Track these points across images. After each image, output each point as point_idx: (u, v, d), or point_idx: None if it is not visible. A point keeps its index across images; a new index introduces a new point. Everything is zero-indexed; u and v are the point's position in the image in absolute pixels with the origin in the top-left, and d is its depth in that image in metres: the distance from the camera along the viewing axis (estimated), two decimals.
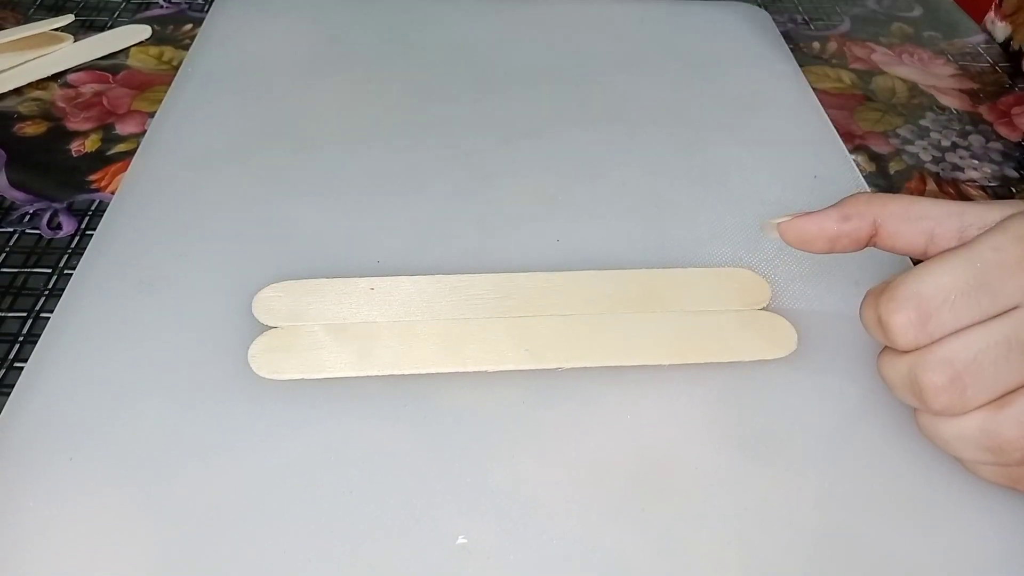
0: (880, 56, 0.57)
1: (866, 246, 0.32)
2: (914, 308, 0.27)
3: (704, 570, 0.28)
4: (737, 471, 0.31)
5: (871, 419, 0.33)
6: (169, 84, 0.49)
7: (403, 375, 0.33)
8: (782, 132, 0.47)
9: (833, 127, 0.48)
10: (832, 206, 0.32)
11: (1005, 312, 0.27)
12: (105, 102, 0.50)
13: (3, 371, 0.35)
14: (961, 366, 0.27)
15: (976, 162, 0.48)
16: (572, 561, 0.29)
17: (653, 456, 0.31)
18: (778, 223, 0.33)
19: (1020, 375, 0.27)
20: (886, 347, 0.29)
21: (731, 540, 0.29)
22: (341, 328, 0.34)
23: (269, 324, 0.34)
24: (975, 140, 0.50)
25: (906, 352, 0.28)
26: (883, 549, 0.29)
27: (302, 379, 0.33)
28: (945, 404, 0.27)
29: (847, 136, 0.49)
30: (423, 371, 0.33)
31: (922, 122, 0.51)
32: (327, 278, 0.36)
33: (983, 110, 0.52)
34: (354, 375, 0.33)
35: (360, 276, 0.36)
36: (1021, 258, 0.27)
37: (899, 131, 0.50)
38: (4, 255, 0.40)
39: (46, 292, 0.38)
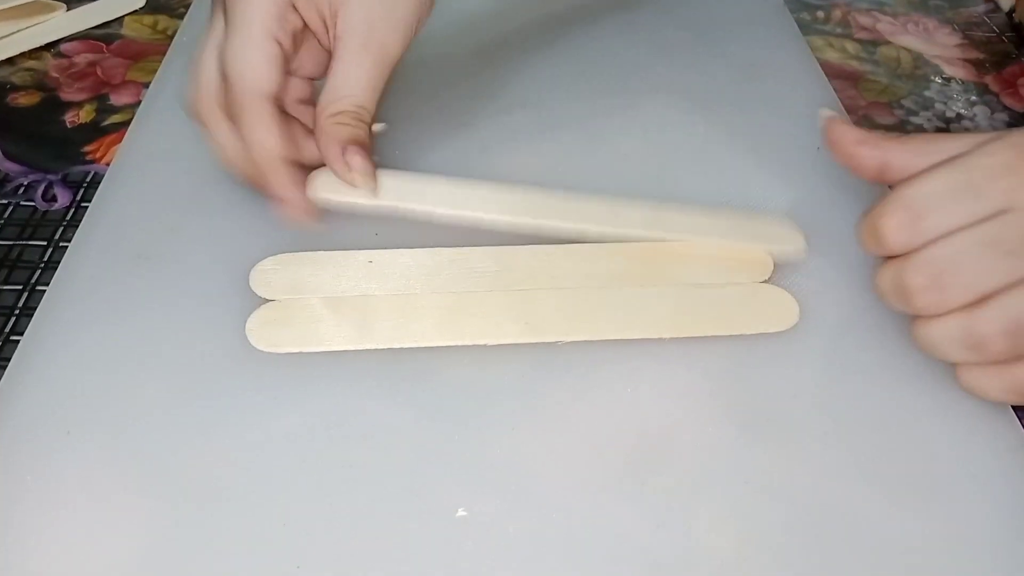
0: (885, 25, 0.56)
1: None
2: (905, 210, 0.29)
3: (703, 543, 0.28)
4: (737, 445, 0.31)
5: (872, 393, 0.33)
6: (164, 54, 0.49)
7: (402, 348, 0.33)
8: (785, 102, 0.46)
9: (837, 98, 0.47)
10: (879, 143, 0.32)
11: (992, 216, 0.28)
12: (99, 72, 0.49)
13: None
14: (942, 266, 0.28)
15: None
16: (571, 533, 0.28)
17: (653, 429, 0.31)
18: (827, 115, 0.33)
19: (999, 276, 0.28)
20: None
21: (731, 513, 0.29)
22: (339, 301, 0.34)
23: (267, 297, 0.34)
24: (980, 111, 0.49)
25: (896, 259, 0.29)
26: (883, 523, 0.29)
27: (300, 352, 0.33)
28: (927, 303, 0.29)
29: (851, 107, 0.48)
30: (422, 344, 0.33)
31: (927, 93, 0.51)
32: (325, 251, 0.36)
33: (989, 80, 0.52)
34: (353, 348, 0.33)
35: (358, 249, 0.36)
36: (1011, 162, 0.28)
37: (903, 102, 0.50)
38: None
39: (42, 265, 0.38)
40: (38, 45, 0.51)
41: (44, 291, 0.35)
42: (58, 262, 0.37)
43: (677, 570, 0.28)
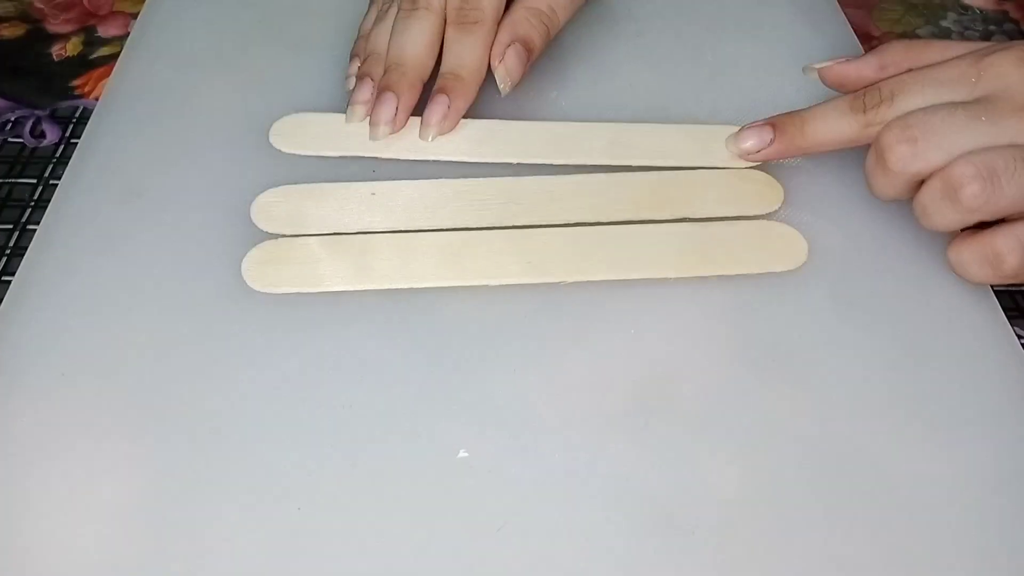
0: None
1: None
2: (886, 88, 0.33)
3: (707, 483, 0.28)
4: (742, 385, 0.31)
5: (879, 333, 0.32)
6: None
7: (402, 288, 0.32)
8: (797, 32, 0.45)
9: (850, 28, 0.45)
10: (871, 53, 0.35)
11: (972, 101, 0.31)
12: (86, 2, 0.47)
13: None
14: (913, 121, 0.31)
15: None
16: (574, 474, 0.28)
17: (657, 370, 0.31)
18: (818, 67, 0.36)
19: (968, 137, 0.30)
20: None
21: (735, 454, 0.29)
22: (337, 240, 0.33)
23: (268, 231, 0.33)
24: (999, 40, 0.48)
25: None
26: (892, 461, 0.29)
27: (298, 292, 0.32)
28: (900, 155, 0.31)
29: (864, 37, 0.46)
30: (422, 285, 0.32)
31: (943, 23, 0.49)
32: (327, 180, 0.35)
33: (1009, 7, 0.50)
34: (351, 289, 0.32)
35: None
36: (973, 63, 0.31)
37: (919, 32, 0.48)
38: None
39: (32, 203, 0.37)
40: None
41: (35, 230, 0.35)
42: (48, 200, 0.36)
43: (682, 511, 0.28)
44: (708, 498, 0.28)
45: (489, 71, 0.37)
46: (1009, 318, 0.33)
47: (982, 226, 0.31)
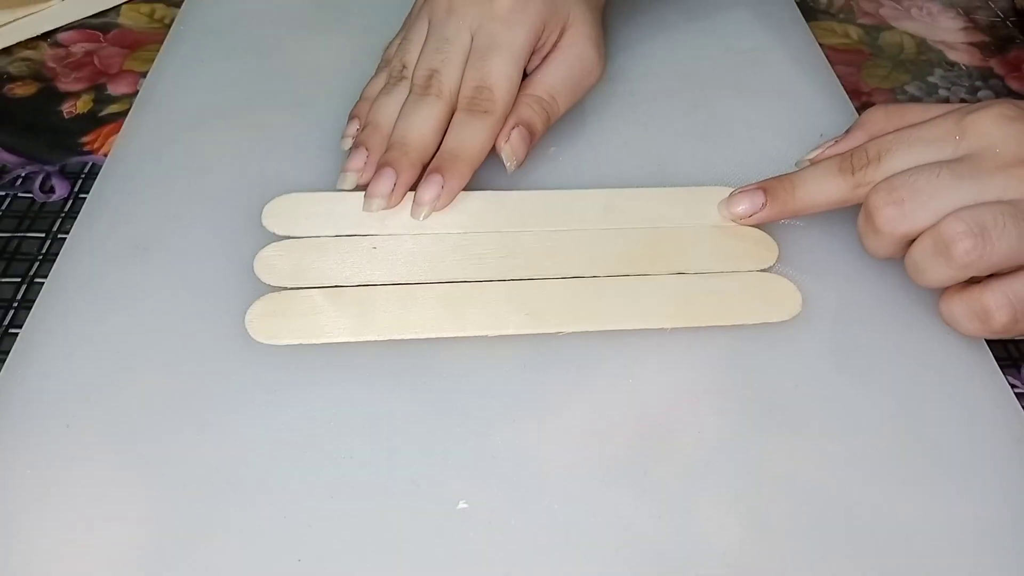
0: (888, 11, 0.56)
1: None
2: (873, 149, 0.34)
3: (706, 533, 0.28)
4: (740, 434, 0.31)
5: (874, 382, 0.33)
6: (161, 43, 0.48)
7: (402, 340, 0.33)
8: (788, 88, 0.46)
9: (840, 84, 0.47)
10: (855, 127, 0.36)
11: (953, 160, 0.32)
12: (96, 62, 0.49)
13: None
14: (898, 183, 0.32)
15: None
16: (574, 525, 0.28)
17: (655, 420, 0.31)
18: (810, 157, 0.37)
19: (954, 196, 0.31)
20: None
21: (733, 503, 0.29)
22: (340, 292, 0.34)
23: (271, 284, 0.34)
24: (985, 96, 0.49)
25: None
26: (886, 512, 0.29)
27: (300, 344, 0.32)
28: (889, 217, 0.32)
29: (854, 93, 0.48)
30: (422, 336, 0.33)
31: (930, 79, 0.50)
32: (328, 235, 0.36)
33: (994, 64, 0.51)
34: (353, 340, 0.33)
35: (359, 233, 0.36)
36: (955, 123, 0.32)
37: (907, 88, 0.49)
38: None
39: (40, 257, 0.38)
40: (35, 34, 0.50)
41: (42, 283, 0.35)
42: (56, 254, 0.36)
43: (679, 560, 0.28)
44: (708, 548, 0.28)
45: (492, 154, 0.38)
46: (1002, 367, 0.33)
47: (973, 279, 0.32)
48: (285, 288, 0.34)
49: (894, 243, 0.33)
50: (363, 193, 0.37)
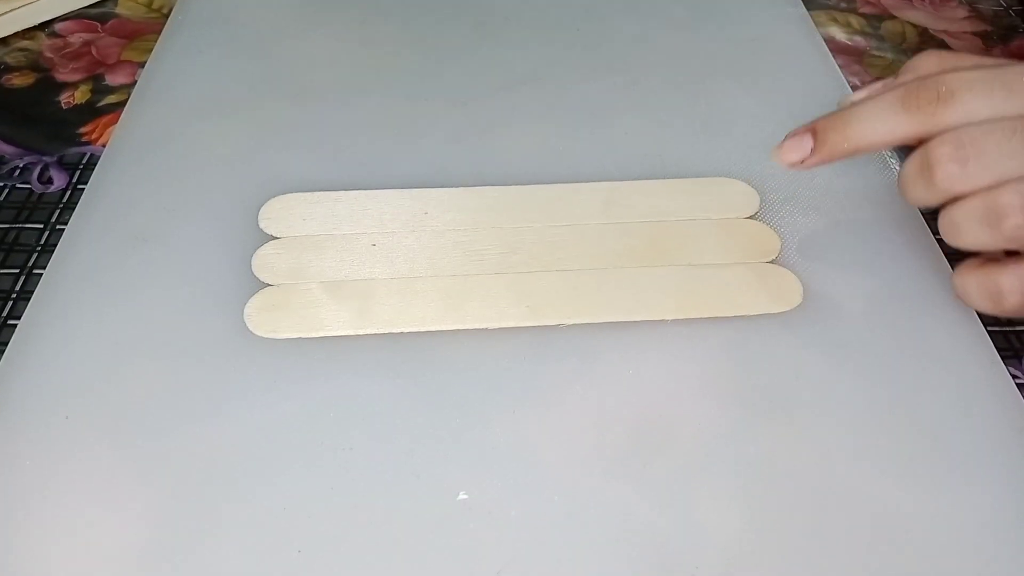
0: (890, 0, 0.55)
1: None
2: (944, 85, 0.30)
3: (706, 525, 0.28)
4: (740, 426, 0.31)
5: (875, 374, 0.33)
6: (159, 33, 0.48)
7: (403, 332, 0.33)
8: (789, 79, 0.46)
9: (841, 74, 0.46)
10: (903, 70, 0.33)
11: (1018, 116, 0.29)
12: (94, 52, 0.49)
13: None
14: (967, 139, 0.29)
15: None
16: (573, 516, 0.28)
17: (655, 411, 0.31)
18: (855, 98, 0.34)
19: (1021, 165, 0.29)
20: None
21: (733, 495, 0.29)
22: (339, 285, 0.34)
23: (269, 282, 0.34)
24: None
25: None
26: (887, 504, 0.29)
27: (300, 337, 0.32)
28: (949, 174, 0.29)
29: (855, 83, 0.47)
30: (423, 329, 0.33)
31: None
32: (327, 234, 0.35)
33: (996, 53, 0.51)
34: (352, 334, 0.32)
35: (358, 232, 0.36)
36: None
37: None
38: None
39: (38, 248, 0.38)
40: (32, 25, 0.50)
41: (41, 275, 0.35)
42: (55, 245, 0.36)
43: (679, 552, 0.28)
44: (709, 539, 0.28)
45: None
46: (1003, 358, 0.33)
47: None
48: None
49: (942, 198, 0.30)
50: (361, 193, 0.36)
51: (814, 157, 0.33)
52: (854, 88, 0.46)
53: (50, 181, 0.41)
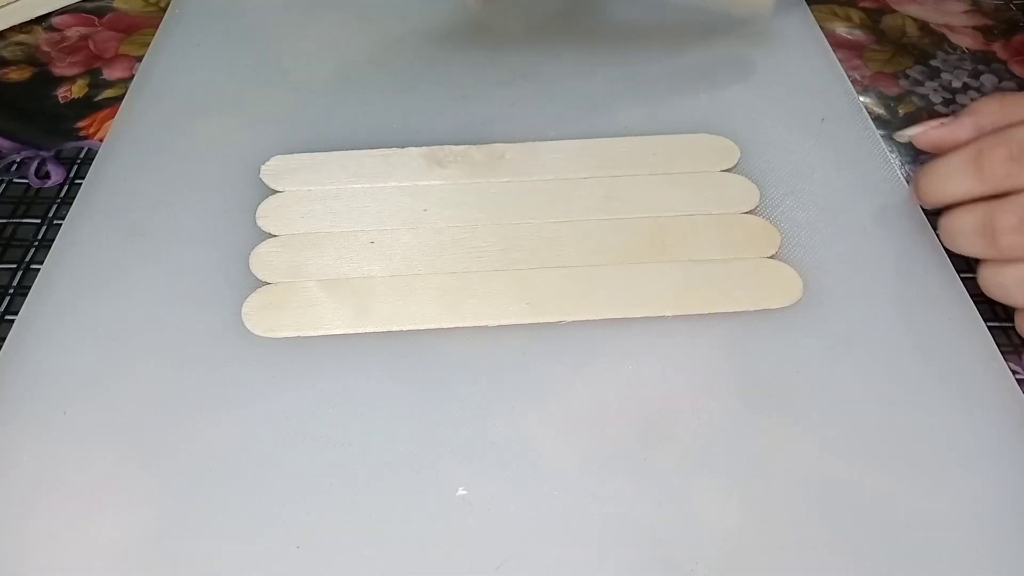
0: None
1: None
2: (1016, 145, 0.30)
3: (705, 520, 0.28)
4: (740, 421, 0.31)
5: (875, 369, 0.32)
6: (157, 27, 0.48)
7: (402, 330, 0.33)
8: (789, 73, 0.46)
9: (841, 68, 0.46)
10: (964, 114, 0.34)
11: None
12: (91, 46, 0.48)
13: None
14: None
15: None
16: (573, 512, 0.28)
17: (655, 406, 0.31)
18: (912, 134, 0.35)
19: None
20: (958, 207, 0.32)
21: (733, 490, 0.29)
22: (337, 283, 0.34)
23: (267, 280, 0.34)
24: (987, 80, 0.49)
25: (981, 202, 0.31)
26: (887, 499, 0.29)
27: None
28: (1012, 243, 0.30)
29: (855, 78, 0.47)
30: (422, 327, 0.33)
31: (933, 62, 0.50)
32: (325, 231, 0.35)
33: (997, 48, 0.51)
34: (351, 332, 0.32)
35: (356, 230, 0.36)
36: None
37: (909, 72, 0.49)
38: None
39: (36, 243, 0.37)
40: (28, 18, 0.50)
41: (39, 269, 0.35)
42: (52, 240, 0.36)
43: (680, 546, 0.28)
44: (708, 534, 0.28)
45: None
46: (1003, 353, 0.33)
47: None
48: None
49: (1003, 260, 0.31)
50: (360, 189, 0.37)
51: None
52: (852, 80, 0.46)
53: (47, 176, 0.41)
